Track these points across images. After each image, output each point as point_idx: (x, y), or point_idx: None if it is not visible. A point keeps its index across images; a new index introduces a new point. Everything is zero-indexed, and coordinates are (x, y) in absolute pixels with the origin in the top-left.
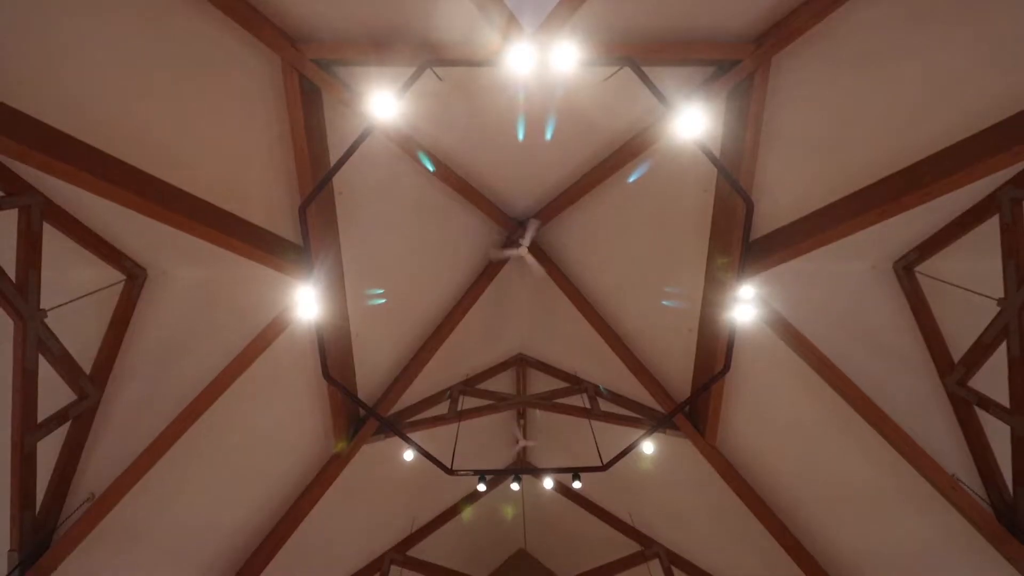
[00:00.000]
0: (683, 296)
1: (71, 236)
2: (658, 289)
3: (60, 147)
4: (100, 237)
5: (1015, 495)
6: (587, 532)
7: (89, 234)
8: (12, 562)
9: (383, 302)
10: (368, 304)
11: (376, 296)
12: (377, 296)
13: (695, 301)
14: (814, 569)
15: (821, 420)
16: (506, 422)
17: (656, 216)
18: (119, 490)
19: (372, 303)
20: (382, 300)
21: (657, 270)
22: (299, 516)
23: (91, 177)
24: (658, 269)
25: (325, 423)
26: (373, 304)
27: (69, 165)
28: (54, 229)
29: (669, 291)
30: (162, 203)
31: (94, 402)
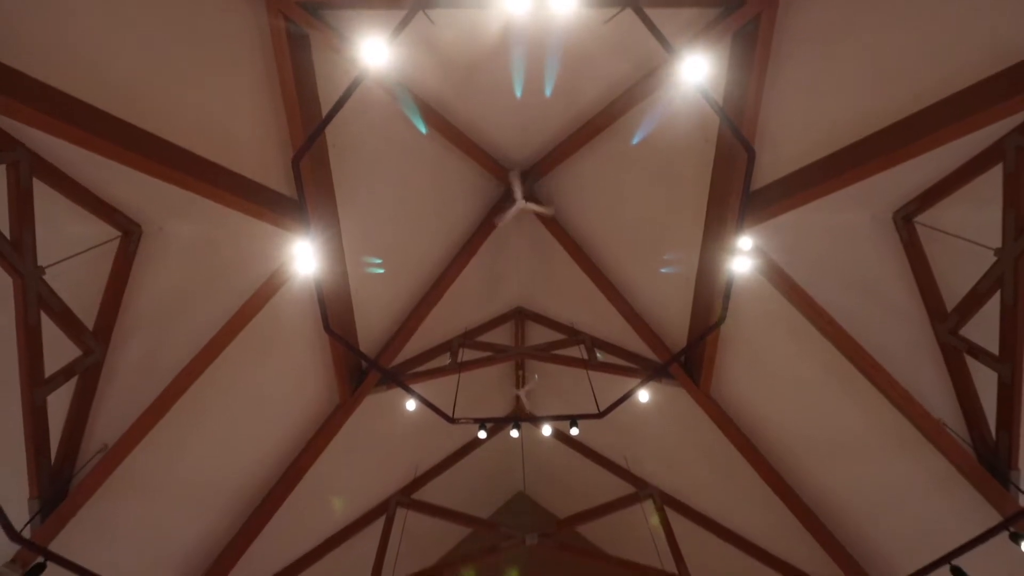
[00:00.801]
0: (681, 247)
1: (63, 193)
2: (656, 241)
3: (46, 101)
4: (92, 193)
5: (997, 438)
6: (584, 476)
7: (81, 190)
8: (33, 509)
9: (381, 262)
10: (367, 259)
11: (375, 262)
12: (376, 263)
13: (693, 253)
14: (801, 508)
15: (813, 369)
16: (505, 374)
17: (656, 167)
18: (130, 441)
19: (371, 267)
20: (380, 268)
21: (656, 222)
22: (306, 463)
23: (80, 131)
24: (657, 221)
25: (328, 375)
26: (372, 261)
27: (57, 119)
28: (45, 186)
29: (667, 242)
30: (154, 157)
31: (99, 357)
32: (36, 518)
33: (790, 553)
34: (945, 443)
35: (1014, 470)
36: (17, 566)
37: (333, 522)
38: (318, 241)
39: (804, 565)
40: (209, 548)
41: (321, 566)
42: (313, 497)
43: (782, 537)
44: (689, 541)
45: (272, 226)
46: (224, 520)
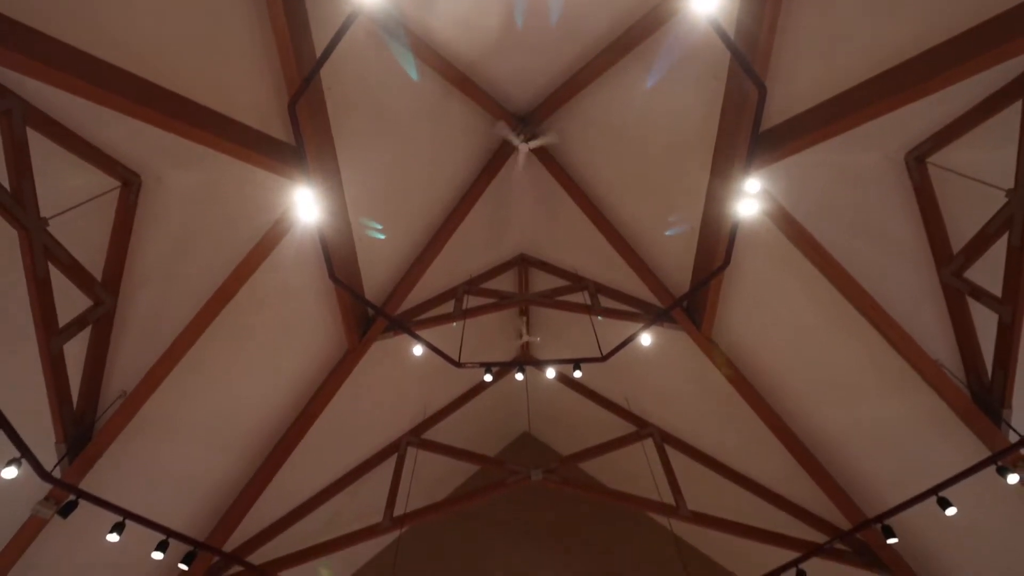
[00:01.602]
0: (687, 191)
1: (59, 143)
2: (661, 185)
3: (35, 47)
4: (89, 143)
5: (992, 378)
6: (586, 416)
7: (77, 140)
8: (60, 452)
9: (382, 215)
10: (368, 204)
11: (376, 226)
12: (376, 228)
13: (699, 197)
14: (797, 446)
15: (814, 312)
16: (509, 319)
17: (662, 108)
18: (148, 387)
19: (373, 229)
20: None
21: (661, 165)
22: (319, 406)
23: (72, 78)
24: (663, 164)
25: (336, 322)
26: (373, 204)
27: (46, 66)
28: (41, 137)
29: (673, 186)
30: (150, 105)
31: (110, 308)
32: (64, 460)
33: (785, 487)
34: (941, 383)
35: (1006, 408)
36: (51, 503)
37: (347, 460)
38: (318, 188)
39: (798, 499)
40: (231, 486)
41: (338, 500)
42: (327, 437)
43: (777, 473)
44: (687, 476)
45: (271, 174)
46: (243, 459)
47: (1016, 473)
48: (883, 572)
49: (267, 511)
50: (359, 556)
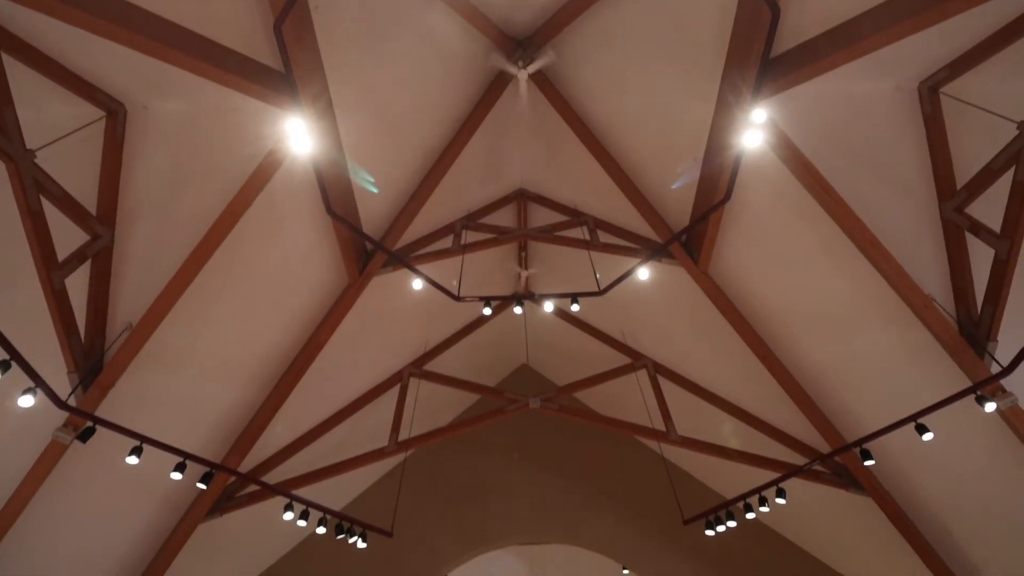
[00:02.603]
0: (691, 123)
1: (37, 69)
2: (665, 116)
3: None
4: (69, 71)
5: (982, 312)
6: (583, 349)
7: (56, 67)
8: (73, 382)
9: (378, 142)
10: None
11: (369, 177)
12: (369, 180)
13: (703, 128)
14: (786, 377)
15: (812, 246)
16: (508, 254)
17: (668, 33)
18: (153, 319)
19: (367, 150)
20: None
21: (665, 94)
22: (323, 338)
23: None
24: (667, 93)
25: (335, 256)
26: (367, 135)
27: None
28: (18, 64)
29: (677, 117)
30: (130, 26)
31: (107, 242)
32: (78, 389)
33: (770, 414)
34: (931, 317)
35: (992, 341)
36: (69, 429)
37: (352, 390)
38: (310, 117)
39: (782, 425)
40: (242, 412)
41: (345, 426)
42: (333, 367)
43: (763, 401)
44: (677, 405)
45: (261, 103)
46: (252, 387)
47: (994, 402)
48: (858, 491)
49: (278, 436)
50: (367, 478)
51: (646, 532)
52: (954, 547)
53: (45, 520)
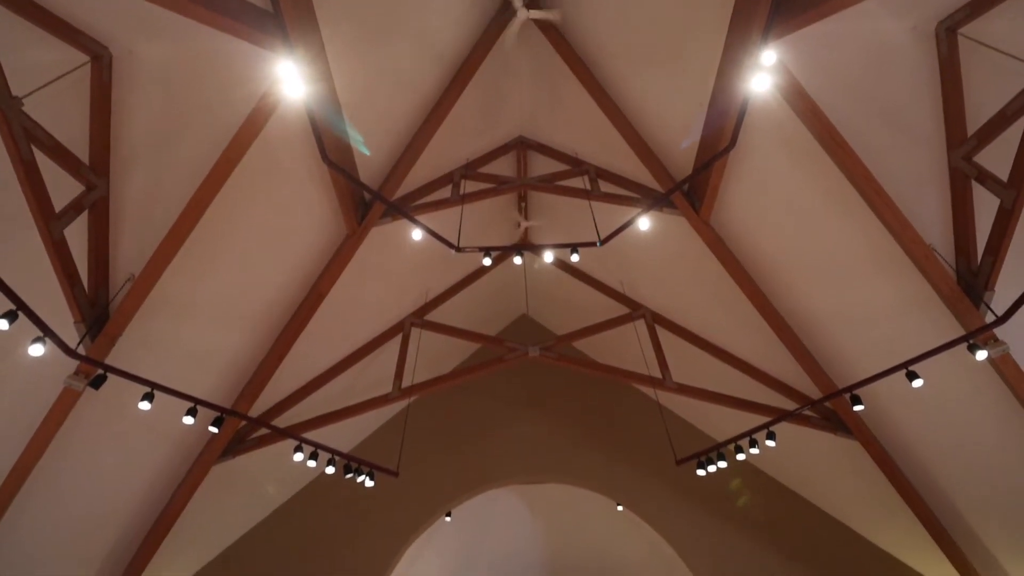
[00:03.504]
0: (698, 67)
1: (17, 12)
2: (671, 60)
3: None
4: (50, 13)
5: (981, 262)
6: (582, 299)
7: (37, 10)
8: (80, 331)
9: (371, 89)
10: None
11: (358, 135)
12: (360, 138)
13: (710, 73)
14: (782, 326)
15: (815, 195)
16: (508, 204)
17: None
18: (155, 269)
19: (361, 96)
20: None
21: (671, 37)
22: (325, 288)
23: None
24: (672, 36)
25: (333, 206)
26: (362, 80)
27: None
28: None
29: (683, 60)
30: None
31: (103, 192)
32: (86, 338)
33: (765, 362)
34: (930, 267)
35: (989, 291)
36: (81, 377)
37: (355, 339)
38: (302, 61)
39: (776, 372)
40: (248, 360)
41: (350, 374)
42: (336, 316)
43: (758, 349)
44: (673, 353)
45: (251, 45)
46: (256, 337)
47: (985, 350)
48: (846, 435)
49: (285, 383)
50: (372, 423)
51: (640, 472)
52: (938, 491)
53: (65, 464)
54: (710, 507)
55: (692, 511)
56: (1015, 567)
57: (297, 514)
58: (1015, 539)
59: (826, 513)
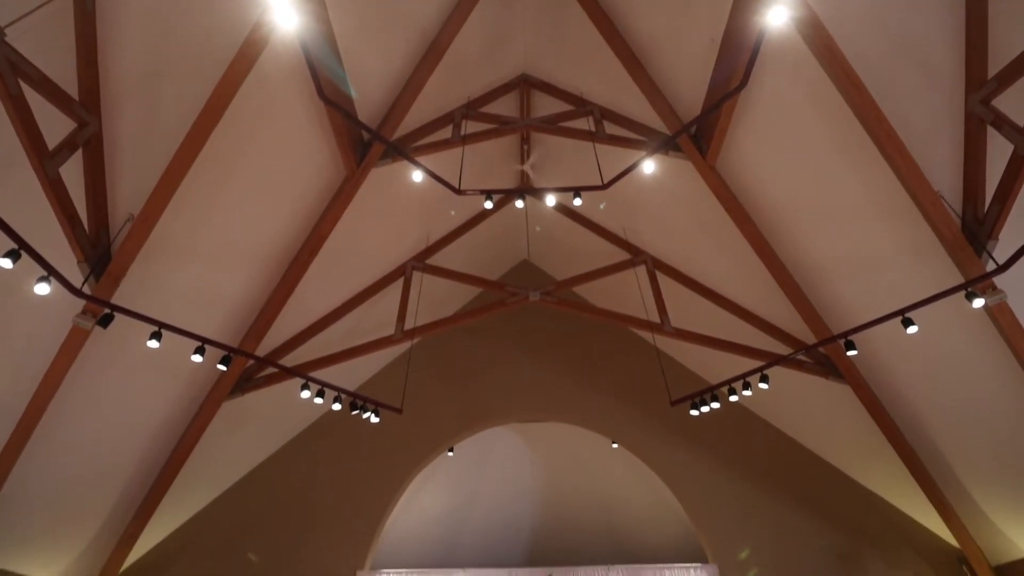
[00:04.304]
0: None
1: None
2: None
3: None
4: None
5: (988, 210)
6: (583, 245)
7: None
8: (84, 271)
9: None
10: (353, 12)
11: (361, 25)
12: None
13: (723, 4)
14: (783, 273)
15: (825, 138)
16: (510, 146)
17: None
18: (154, 209)
19: (355, 31)
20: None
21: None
22: (326, 230)
23: None
24: None
25: (331, 146)
26: (358, 10)
27: None
28: None
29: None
30: None
31: (96, 129)
32: (90, 278)
33: (763, 309)
34: (936, 213)
35: (992, 240)
36: (89, 316)
37: (358, 281)
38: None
39: (773, 319)
40: (251, 304)
41: (353, 316)
42: (338, 258)
43: (757, 295)
44: (673, 299)
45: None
46: (259, 279)
47: (983, 298)
48: (838, 380)
49: (289, 324)
50: (375, 364)
51: (636, 413)
52: (924, 435)
53: (80, 401)
54: (702, 446)
55: (684, 449)
56: (993, 508)
57: (305, 450)
58: (994, 481)
59: (814, 454)
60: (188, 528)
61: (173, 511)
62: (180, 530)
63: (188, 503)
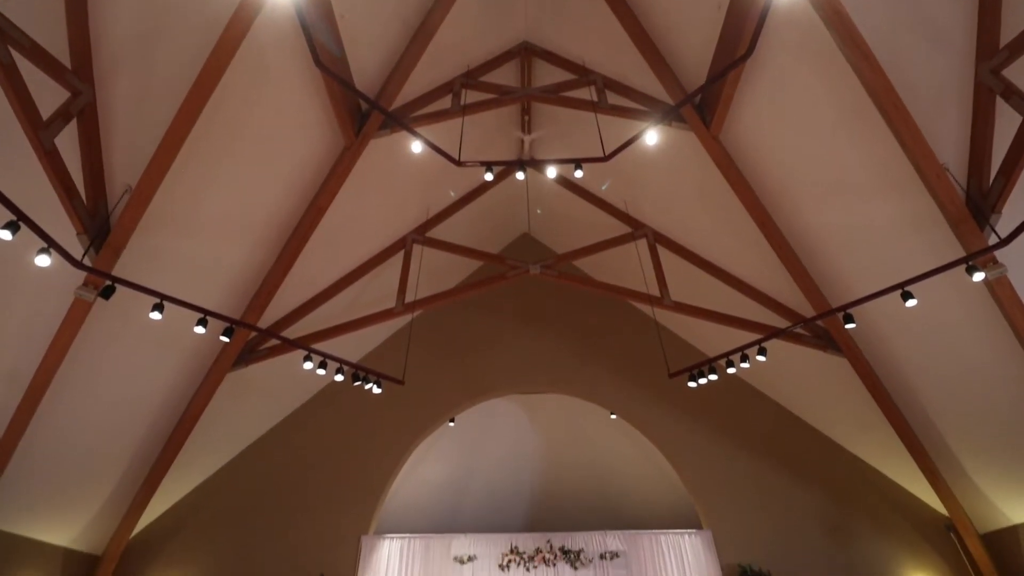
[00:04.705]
0: None
1: None
2: None
3: None
4: None
5: (993, 183)
6: (584, 218)
7: None
8: (84, 243)
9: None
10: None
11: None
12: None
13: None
14: (784, 247)
15: (831, 109)
16: (511, 116)
17: None
18: (151, 180)
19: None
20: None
21: None
22: (325, 203)
23: None
24: None
25: (328, 116)
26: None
27: None
28: None
29: None
30: None
31: (90, 98)
32: (90, 250)
33: (762, 282)
34: (940, 186)
35: (996, 213)
36: (90, 288)
37: (358, 254)
38: None
39: (773, 292)
40: (253, 274)
41: (354, 289)
42: (337, 232)
43: (757, 268)
44: (673, 273)
45: None
46: (260, 252)
47: (983, 272)
48: (835, 353)
49: (290, 297)
50: (377, 336)
51: (634, 385)
52: (918, 408)
53: (84, 373)
54: (699, 418)
55: (681, 421)
56: (982, 477)
57: (310, 420)
58: (985, 451)
59: (810, 425)
60: (196, 495)
61: (181, 479)
62: (188, 497)
63: (196, 471)
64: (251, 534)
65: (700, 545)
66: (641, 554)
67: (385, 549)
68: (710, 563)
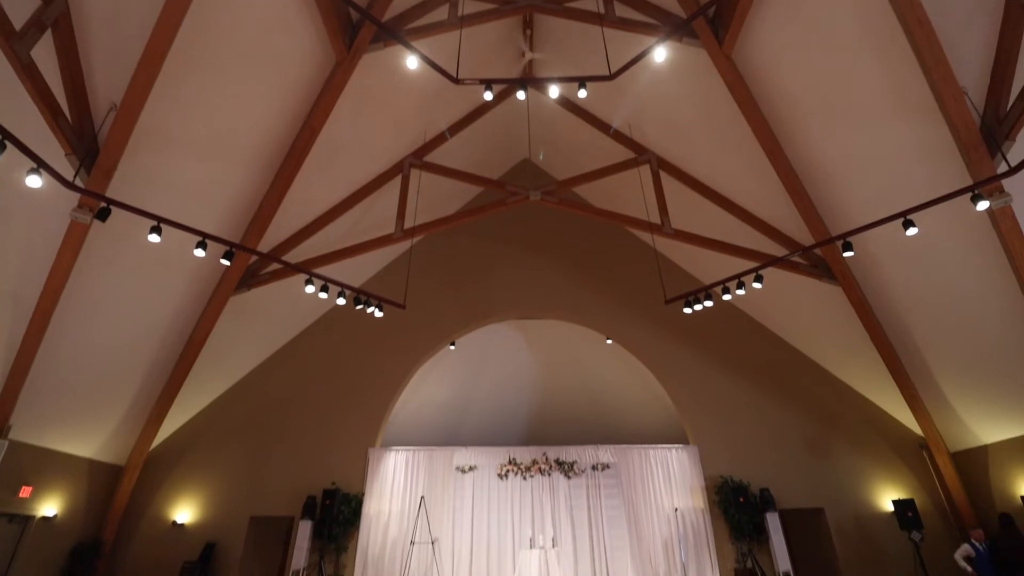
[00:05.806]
0: None
1: None
2: None
3: None
4: None
5: (1011, 108)
6: (587, 143)
7: None
8: (74, 164)
9: None
10: None
11: None
12: None
13: None
14: (789, 174)
15: (851, 26)
16: (512, 30)
17: None
18: (136, 97)
19: None
20: None
21: None
22: (318, 123)
23: None
24: None
25: (317, 27)
26: None
27: None
28: None
29: None
30: None
31: (63, 7)
32: (81, 171)
33: (764, 210)
34: (956, 110)
35: (1009, 141)
36: (85, 210)
37: (355, 178)
38: None
39: (774, 220)
40: (249, 197)
41: (353, 214)
42: (333, 154)
43: (760, 196)
44: (674, 200)
45: None
46: (255, 173)
47: (988, 201)
48: (831, 281)
49: (289, 222)
50: (378, 262)
51: (631, 311)
52: (906, 334)
53: (89, 295)
54: (692, 343)
55: (675, 346)
56: (957, 399)
57: (314, 342)
58: (963, 373)
59: (798, 350)
60: (211, 411)
61: (196, 396)
62: (204, 412)
63: (208, 389)
64: (264, 447)
65: (687, 459)
66: (631, 466)
67: (391, 460)
68: (695, 475)
